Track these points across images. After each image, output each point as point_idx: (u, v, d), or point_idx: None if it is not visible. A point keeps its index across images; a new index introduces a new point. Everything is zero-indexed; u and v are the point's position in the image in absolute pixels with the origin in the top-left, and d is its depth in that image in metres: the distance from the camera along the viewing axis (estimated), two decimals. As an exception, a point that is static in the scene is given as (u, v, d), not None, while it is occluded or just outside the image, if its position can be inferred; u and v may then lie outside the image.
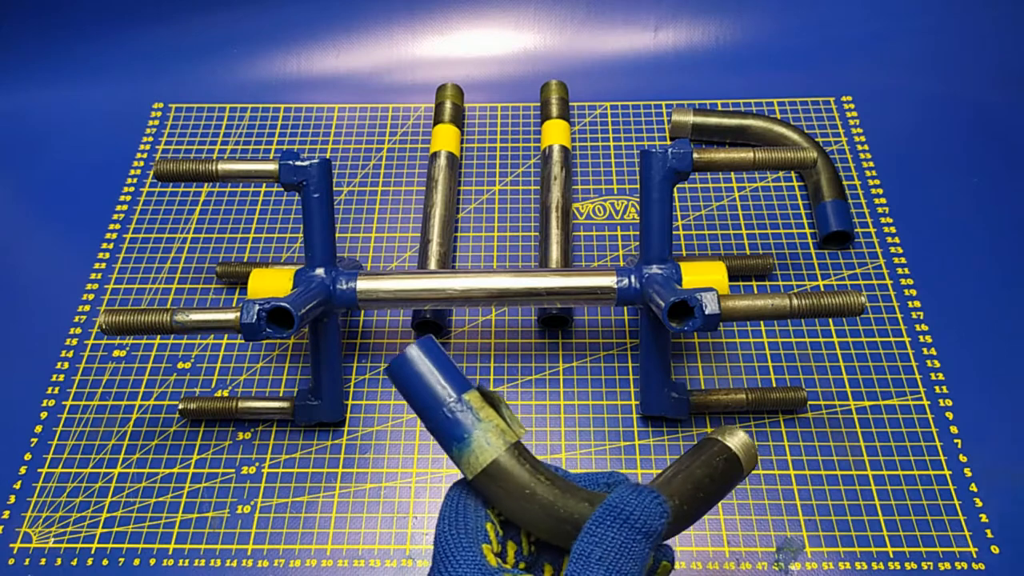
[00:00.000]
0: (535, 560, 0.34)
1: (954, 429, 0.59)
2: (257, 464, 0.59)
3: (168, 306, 0.67)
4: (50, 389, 0.63)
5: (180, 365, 0.64)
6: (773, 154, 0.55)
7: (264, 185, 0.74)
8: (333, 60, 0.83)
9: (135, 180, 0.76)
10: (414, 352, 0.33)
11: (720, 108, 0.78)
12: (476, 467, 0.32)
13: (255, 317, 0.49)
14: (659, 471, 0.37)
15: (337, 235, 0.58)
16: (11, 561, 0.55)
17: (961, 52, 0.81)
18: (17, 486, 0.58)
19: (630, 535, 0.30)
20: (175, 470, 0.58)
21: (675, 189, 0.56)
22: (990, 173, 0.73)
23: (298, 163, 0.55)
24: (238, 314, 0.50)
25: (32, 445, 0.60)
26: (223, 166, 0.55)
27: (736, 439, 0.35)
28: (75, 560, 0.55)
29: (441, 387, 0.33)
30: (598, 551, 0.29)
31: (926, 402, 0.60)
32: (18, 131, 0.80)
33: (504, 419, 0.33)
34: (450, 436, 0.33)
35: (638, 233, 0.61)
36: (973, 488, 0.56)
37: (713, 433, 0.35)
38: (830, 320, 0.64)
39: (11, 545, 0.55)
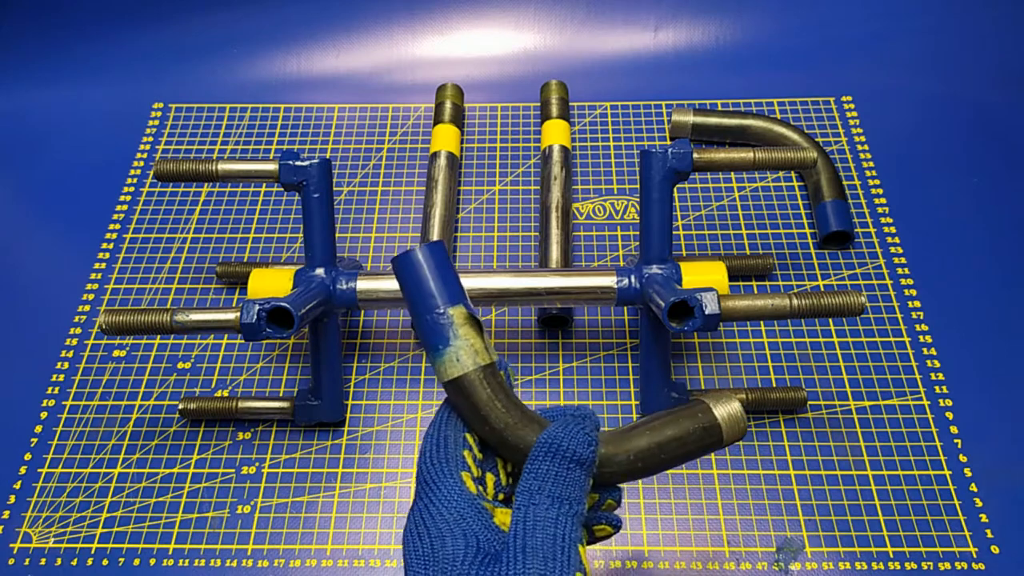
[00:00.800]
0: (511, 491, 0.36)
1: (954, 429, 0.59)
2: (257, 464, 0.59)
3: (168, 306, 0.67)
4: (50, 389, 0.63)
5: (180, 365, 0.64)
6: (773, 154, 0.55)
7: (264, 185, 0.74)
8: (333, 60, 0.83)
9: (135, 180, 0.76)
10: (419, 253, 0.34)
11: (720, 108, 0.78)
12: (443, 377, 0.34)
13: (255, 317, 0.49)
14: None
15: (337, 235, 0.58)
16: (11, 561, 0.55)
17: (961, 52, 0.81)
18: (17, 486, 0.58)
19: (563, 465, 0.32)
20: (175, 470, 0.58)
21: (675, 189, 0.56)
22: (990, 173, 0.73)
23: (298, 163, 0.55)
24: (238, 314, 0.50)
25: (32, 445, 0.60)
26: (223, 166, 0.55)
27: (725, 408, 0.35)
28: (75, 560, 0.55)
29: (432, 294, 0.34)
30: (537, 483, 0.32)
31: (926, 402, 0.60)
32: (18, 131, 0.80)
33: (482, 341, 0.34)
34: (429, 342, 0.34)
35: (638, 233, 0.61)
36: (973, 488, 0.56)
37: (706, 396, 0.36)
38: (830, 320, 0.65)
39: (11, 545, 0.55)
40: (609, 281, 0.55)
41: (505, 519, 0.32)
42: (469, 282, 0.56)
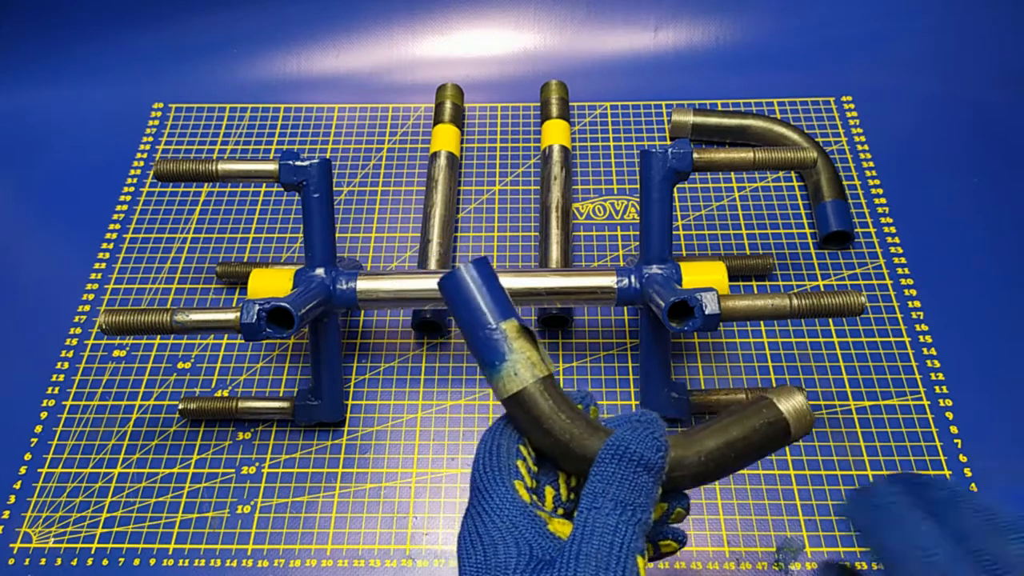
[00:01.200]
0: (573, 507, 0.35)
1: (954, 429, 0.59)
2: (257, 464, 0.59)
3: (168, 306, 0.67)
4: (50, 389, 0.63)
5: (180, 365, 0.64)
6: (773, 154, 0.55)
7: (264, 185, 0.74)
8: (333, 60, 0.83)
9: (135, 180, 0.76)
10: (465, 272, 0.34)
11: (720, 108, 0.78)
12: (503, 393, 0.34)
13: (255, 317, 0.49)
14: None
15: (337, 235, 0.58)
16: (11, 561, 0.55)
17: (961, 52, 0.81)
18: (17, 486, 0.58)
19: (631, 469, 0.31)
20: (175, 470, 0.58)
21: (675, 189, 0.56)
22: (990, 173, 0.73)
23: (298, 163, 0.55)
24: (238, 314, 0.50)
25: (32, 445, 0.60)
26: (223, 166, 0.55)
27: (791, 403, 0.35)
28: (75, 560, 0.55)
29: (483, 311, 0.34)
30: (602, 486, 0.31)
31: (926, 402, 0.60)
32: (18, 131, 0.80)
33: (538, 353, 0.34)
34: (485, 359, 0.34)
35: (638, 233, 0.61)
36: (973, 488, 0.56)
37: (771, 392, 0.35)
38: (830, 320, 0.64)
39: (11, 545, 0.55)
40: (609, 281, 0.55)
41: (561, 528, 0.32)
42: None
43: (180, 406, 0.59)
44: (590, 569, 0.29)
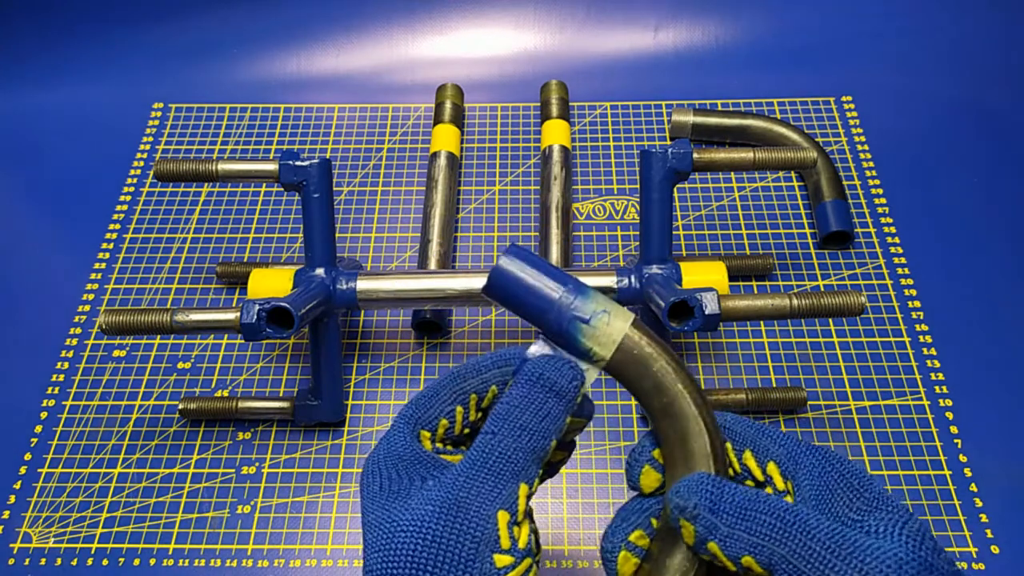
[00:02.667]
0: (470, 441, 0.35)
1: (954, 429, 0.59)
2: (257, 464, 0.59)
3: (168, 306, 0.67)
4: (50, 389, 0.63)
5: (180, 365, 0.64)
6: (773, 154, 0.55)
7: (264, 185, 0.74)
8: (333, 60, 0.83)
9: (135, 180, 0.76)
10: (506, 263, 0.33)
11: (720, 108, 0.78)
12: (610, 345, 0.32)
13: (255, 317, 0.49)
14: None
15: (337, 235, 0.58)
16: (11, 561, 0.55)
17: (961, 52, 0.81)
18: (17, 486, 0.58)
19: (541, 394, 0.31)
20: (175, 470, 0.58)
21: (675, 189, 0.56)
22: (990, 173, 0.73)
23: (298, 163, 0.55)
24: (238, 314, 0.50)
25: (32, 445, 0.60)
26: (223, 166, 0.55)
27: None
28: (75, 560, 0.55)
29: (545, 288, 0.33)
30: (507, 409, 0.31)
31: (926, 402, 0.60)
32: (18, 131, 0.80)
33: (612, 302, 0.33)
34: (572, 324, 0.32)
35: (638, 233, 0.61)
36: (973, 488, 0.56)
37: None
38: (830, 320, 0.64)
39: (11, 545, 0.55)
40: (609, 281, 0.55)
41: (453, 459, 0.32)
42: (469, 282, 0.56)
43: (180, 406, 0.59)
44: (474, 490, 0.29)
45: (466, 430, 0.34)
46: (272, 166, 0.55)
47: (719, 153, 0.54)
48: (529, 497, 0.30)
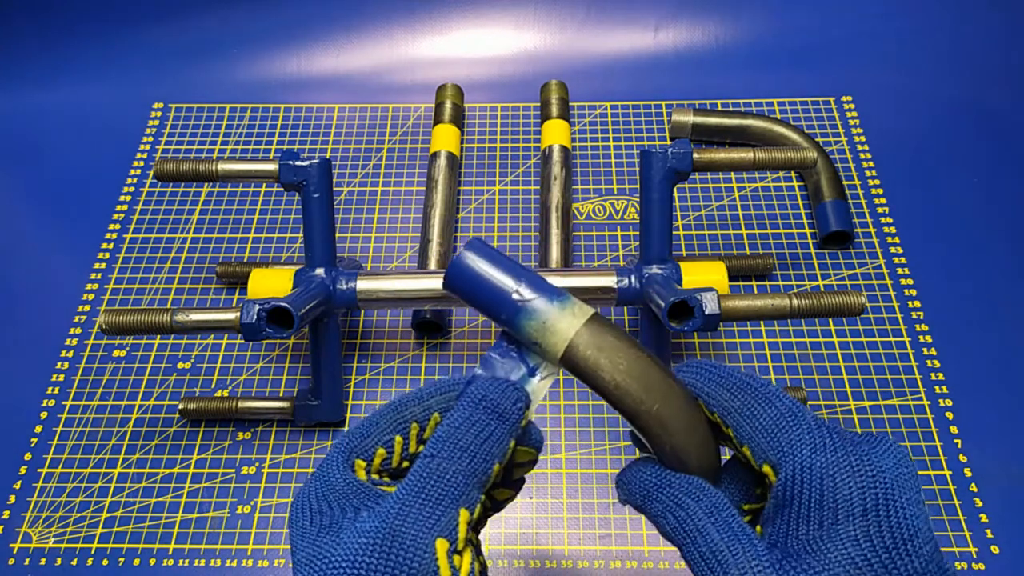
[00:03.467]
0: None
1: (954, 429, 0.59)
2: (257, 464, 0.59)
3: (168, 306, 0.67)
4: (50, 389, 0.63)
5: (180, 365, 0.64)
6: (773, 154, 0.55)
7: (264, 185, 0.74)
8: (333, 60, 0.83)
9: (135, 180, 0.76)
10: (465, 258, 0.33)
11: (720, 108, 0.78)
12: (559, 348, 0.31)
13: (255, 317, 0.49)
14: None
15: (337, 235, 0.58)
16: (11, 561, 0.55)
17: (961, 52, 0.81)
18: (17, 486, 0.58)
19: (484, 416, 0.30)
20: (175, 470, 0.58)
21: (675, 189, 0.56)
22: (990, 173, 0.73)
23: (298, 163, 0.55)
24: (238, 314, 0.50)
25: (32, 445, 0.60)
26: (223, 166, 0.55)
27: None
28: (75, 560, 0.55)
29: (501, 286, 0.32)
30: (449, 432, 0.30)
31: (926, 402, 0.60)
32: (18, 131, 0.80)
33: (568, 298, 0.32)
34: (520, 322, 0.31)
35: (638, 233, 0.61)
36: (973, 488, 0.56)
37: None
38: (830, 320, 0.64)
39: (11, 545, 0.55)
40: (609, 281, 0.55)
41: (389, 490, 0.30)
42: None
43: (180, 406, 0.59)
44: (410, 518, 0.28)
45: (404, 463, 0.32)
46: (272, 166, 0.55)
47: (719, 153, 0.54)
48: (471, 525, 0.29)
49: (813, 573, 0.26)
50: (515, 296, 0.32)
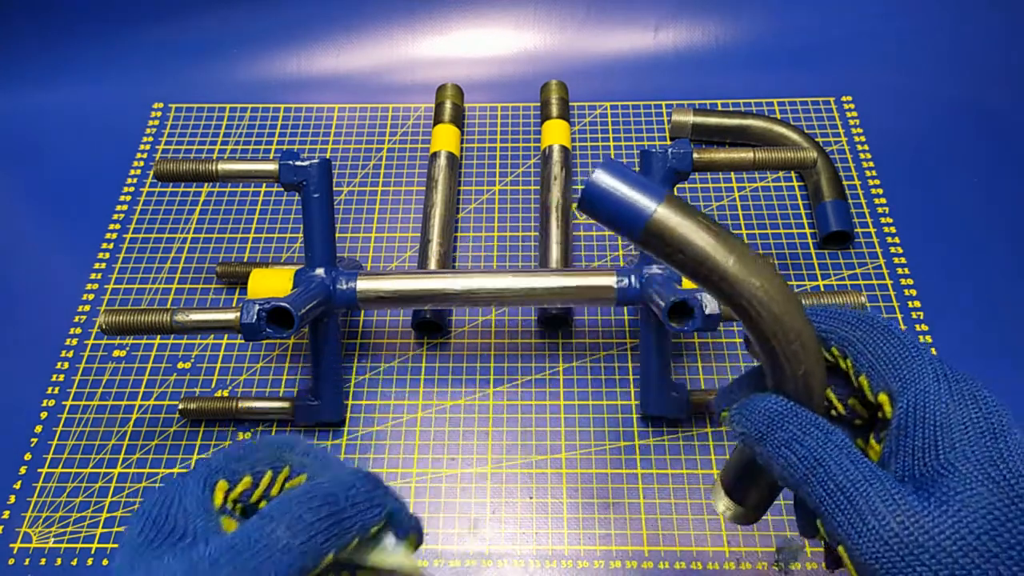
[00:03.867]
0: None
1: (954, 429, 0.59)
2: (257, 464, 0.59)
3: (168, 306, 0.67)
4: (50, 389, 0.63)
5: (180, 365, 0.64)
6: (773, 154, 0.55)
7: (264, 185, 0.74)
8: (333, 60, 0.83)
9: (135, 180, 0.76)
10: (599, 178, 0.29)
11: (720, 108, 0.78)
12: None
13: (255, 317, 0.49)
14: (659, 470, 0.36)
15: (337, 235, 0.58)
16: (11, 561, 0.55)
17: (961, 52, 0.81)
18: (17, 486, 0.58)
19: (317, 513, 0.28)
20: (175, 470, 0.58)
21: (675, 189, 0.56)
22: (990, 173, 0.73)
23: (298, 163, 0.55)
24: (238, 314, 0.50)
25: (32, 445, 0.60)
26: (223, 166, 0.55)
27: None
28: (75, 560, 0.55)
29: (633, 203, 0.29)
30: (298, 493, 0.28)
31: (926, 402, 0.60)
32: (18, 131, 0.80)
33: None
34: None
35: (638, 233, 0.61)
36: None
37: None
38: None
39: (11, 545, 0.55)
40: (609, 281, 0.55)
41: (228, 525, 0.29)
42: (469, 282, 0.56)
43: (180, 406, 0.59)
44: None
45: (262, 502, 0.30)
46: (272, 166, 0.55)
47: (719, 153, 0.54)
48: None
49: (947, 498, 0.26)
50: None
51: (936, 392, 0.28)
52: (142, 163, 0.77)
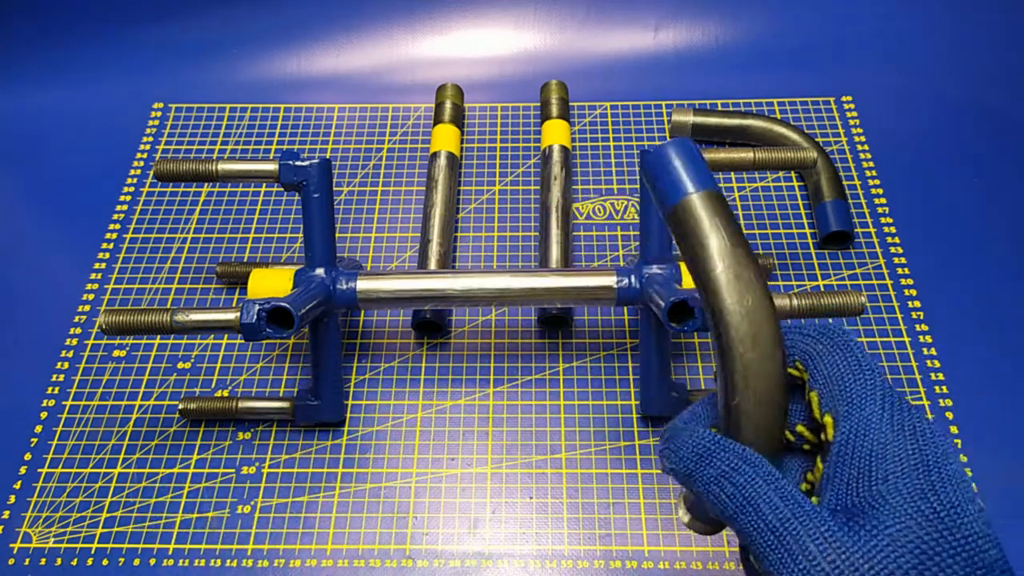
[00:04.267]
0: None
1: (954, 429, 0.59)
2: (257, 464, 0.59)
3: (168, 306, 0.67)
4: (50, 389, 0.63)
5: (180, 365, 0.64)
6: (773, 154, 0.55)
7: (264, 185, 0.74)
8: (333, 60, 0.83)
9: (135, 180, 0.76)
10: (669, 147, 0.31)
11: (720, 108, 0.78)
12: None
13: (255, 317, 0.49)
14: (659, 470, 0.36)
15: (337, 235, 0.58)
16: (11, 561, 0.55)
17: (962, 52, 0.81)
18: (17, 486, 0.58)
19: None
20: (175, 470, 0.58)
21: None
22: (990, 173, 0.73)
23: (298, 163, 0.55)
24: (238, 314, 0.50)
25: (32, 445, 0.60)
26: (223, 166, 0.55)
27: None
28: (75, 560, 0.55)
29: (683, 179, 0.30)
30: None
31: (926, 402, 0.60)
32: (18, 131, 0.80)
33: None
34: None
35: (638, 233, 0.61)
36: (973, 488, 0.56)
37: None
38: (830, 320, 0.64)
39: (11, 545, 0.55)
40: (609, 281, 0.55)
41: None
42: (469, 282, 0.56)
43: (180, 406, 0.59)
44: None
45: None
46: (272, 166, 0.55)
47: (719, 153, 0.54)
48: None
49: (876, 532, 0.26)
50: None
51: (879, 420, 0.28)
52: (142, 163, 0.77)
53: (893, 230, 0.70)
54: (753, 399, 0.30)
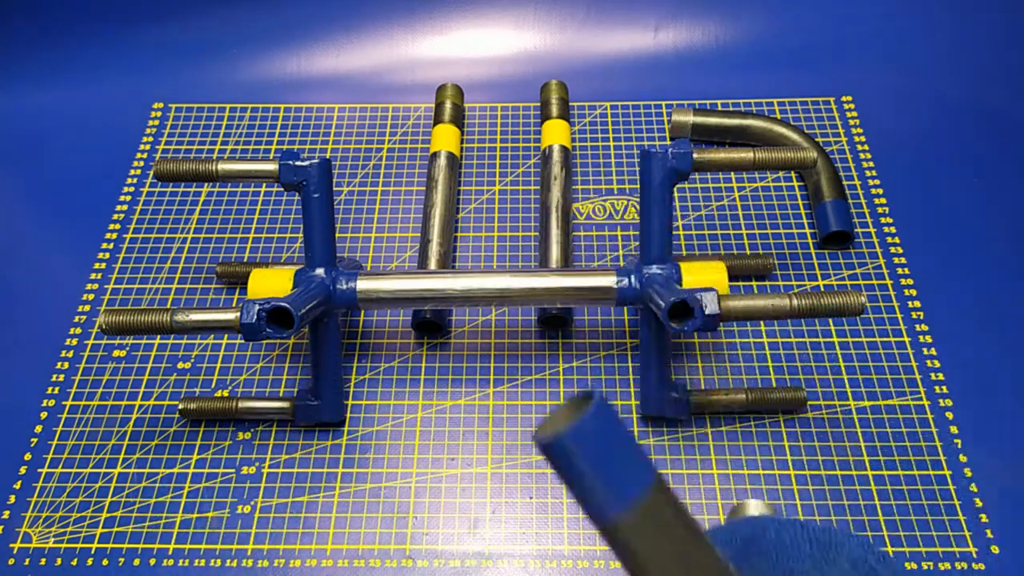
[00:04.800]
0: None
1: (954, 429, 0.59)
2: (257, 464, 0.59)
3: (168, 306, 0.67)
4: (50, 389, 0.63)
5: (180, 365, 0.64)
6: (773, 154, 0.55)
7: (264, 185, 0.74)
8: (333, 60, 0.83)
9: (135, 180, 0.76)
10: (575, 437, 0.22)
11: (720, 108, 0.78)
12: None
13: (255, 317, 0.49)
14: (659, 470, 0.35)
15: (337, 235, 0.58)
16: (11, 561, 0.55)
17: (962, 52, 0.81)
18: (17, 486, 0.58)
19: None
20: (175, 470, 0.58)
21: (675, 189, 0.56)
22: (990, 173, 0.73)
23: (298, 163, 0.55)
24: (238, 314, 0.50)
25: (32, 445, 0.60)
26: (223, 166, 0.55)
27: None
28: (75, 560, 0.55)
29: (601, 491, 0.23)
30: None
31: (926, 402, 0.60)
32: (18, 131, 0.80)
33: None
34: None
35: (638, 233, 0.61)
36: (973, 488, 0.56)
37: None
38: (830, 320, 0.65)
39: (11, 545, 0.55)
40: (609, 281, 0.55)
41: None
42: (469, 282, 0.56)
43: (180, 406, 0.59)
44: None
45: None
46: (272, 166, 0.55)
47: (719, 153, 0.54)
48: None
49: None
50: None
51: None
52: (142, 163, 0.77)
53: (893, 230, 0.70)
54: None
